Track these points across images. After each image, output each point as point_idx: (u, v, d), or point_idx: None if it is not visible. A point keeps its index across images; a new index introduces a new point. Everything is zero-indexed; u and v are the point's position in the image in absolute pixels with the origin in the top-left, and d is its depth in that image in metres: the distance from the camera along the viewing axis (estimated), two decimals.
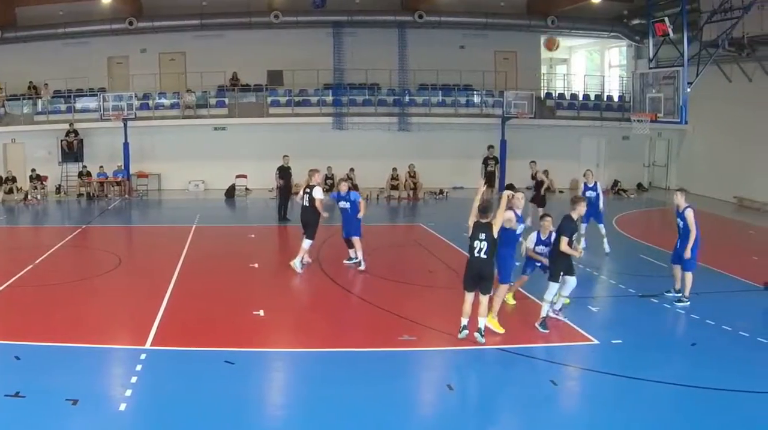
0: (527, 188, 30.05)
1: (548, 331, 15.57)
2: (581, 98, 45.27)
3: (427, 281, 20.14)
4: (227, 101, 41.41)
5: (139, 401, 11.61)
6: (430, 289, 19.33)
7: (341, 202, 21.73)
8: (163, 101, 41.47)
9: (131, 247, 27.62)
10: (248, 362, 13.68)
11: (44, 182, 37.99)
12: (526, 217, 17.92)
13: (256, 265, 21.95)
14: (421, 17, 41.09)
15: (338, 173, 31.90)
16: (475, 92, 43.49)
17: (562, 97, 45.75)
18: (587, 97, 45.48)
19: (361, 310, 17.59)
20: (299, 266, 21.40)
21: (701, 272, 19.51)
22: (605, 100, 45.58)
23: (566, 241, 15.36)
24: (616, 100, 45.87)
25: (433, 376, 13.62)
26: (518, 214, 15.31)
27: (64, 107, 40.34)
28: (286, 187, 31.23)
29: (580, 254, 16.42)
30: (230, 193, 39.09)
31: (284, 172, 31.25)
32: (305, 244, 21.52)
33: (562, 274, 15.69)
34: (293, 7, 40.49)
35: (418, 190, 39.10)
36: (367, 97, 42.41)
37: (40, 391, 11.79)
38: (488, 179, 36.51)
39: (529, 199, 26.41)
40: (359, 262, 21.75)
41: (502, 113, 40.81)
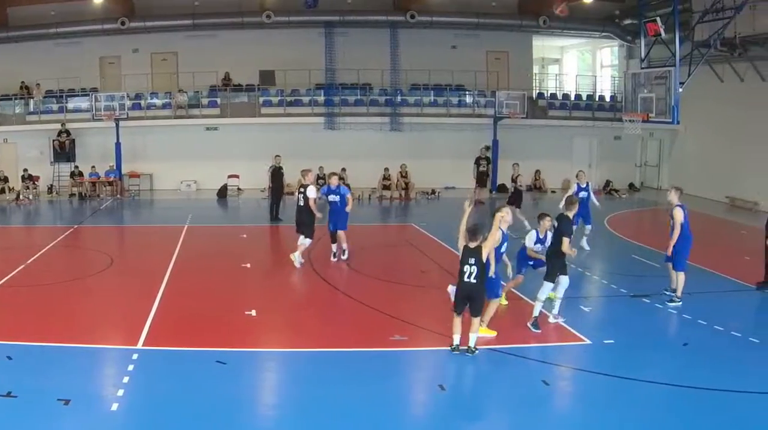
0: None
1: (540, 331, 15.60)
2: (573, 98, 45.43)
3: (418, 281, 20.16)
4: (219, 101, 41.41)
5: (131, 401, 11.59)
6: (421, 289, 19.34)
7: (331, 195, 22.20)
8: (155, 101, 41.48)
9: (123, 247, 27.58)
10: (240, 362, 13.67)
11: (36, 182, 37.92)
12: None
13: (248, 265, 21.93)
14: (412, 17, 41.12)
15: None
16: (467, 92, 43.58)
17: (554, 97, 45.89)
18: (579, 97, 45.62)
19: (352, 310, 17.57)
20: (298, 260, 21.70)
21: (693, 272, 19.60)
22: (597, 100, 45.77)
23: (568, 241, 15.61)
24: (607, 100, 46.03)
25: (424, 376, 13.62)
26: (504, 232, 15.21)
27: (56, 107, 40.31)
28: (277, 187, 31.22)
29: (574, 254, 16.49)
30: (222, 193, 39.08)
31: (276, 172, 31.23)
32: (306, 241, 21.85)
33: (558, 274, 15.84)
34: (285, 7, 40.52)
35: (409, 190, 39.15)
36: (358, 97, 42.48)
37: (32, 391, 11.77)
38: (480, 179, 36.66)
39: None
40: (344, 251, 22.29)
41: (494, 113, 40.91)
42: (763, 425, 11.47)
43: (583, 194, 23.84)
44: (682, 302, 17.90)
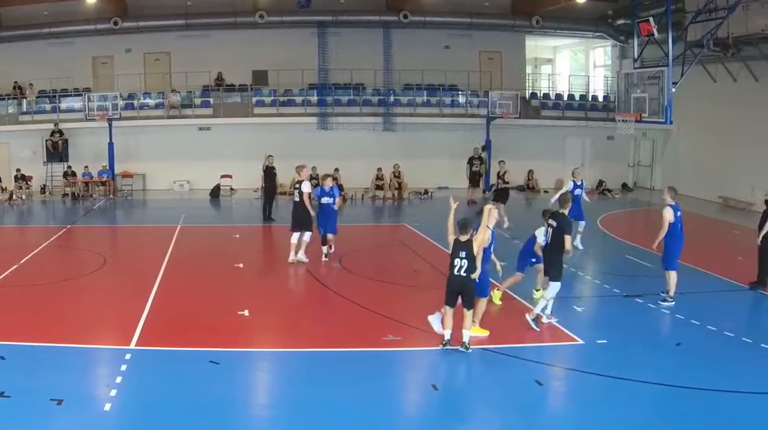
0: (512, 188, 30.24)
1: (540, 329, 15.74)
2: (566, 98, 45.52)
3: (411, 281, 20.17)
4: (212, 101, 41.40)
5: (123, 401, 11.59)
6: (414, 289, 19.35)
7: (324, 197, 22.25)
8: (147, 101, 41.40)
9: (116, 247, 27.57)
10: (233, 362, 13.67)
11: (29, 182, 37.82)
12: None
13: (240, 265, 21.92)
14: (405, 17, 41.14)
15: (323, 174, 31.95)
16: (460, 92, 43.62)
17: (546, 97, 45.89)
18: (572, 97, 45.72)
19: (345, 310, 17.57)
20: (303, 255, 22.02)
21: (687, 272, 19.67)
22: (590, 100, 45.81)
23: (570, 239, 15.88)
24: (600, 100, 46.04)
25: (418, 376, 13.65)
26: (492, 230, 15.13)
27: (49, 107, 40.21)
28: (270, 187, 31.21)
29: (571, 252, 16.66)
30: (215, 193, 39.02)
31: (268, 172, 31.21)
32: (305, 236, 22.04)
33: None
34: (278, 7, 40.51)
35: (402, 190, 39.13)
36: (351, 97, 42.50)
37: (24, 391, 11.76)
38: (473, 179, 36.68)
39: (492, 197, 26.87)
40: (331, 247, 22.65)
41: (487, 113, 40.93)
42: (755, 425, 11.49)
43: (578, 192, 23.95)
44: (674, 302, 17.94)
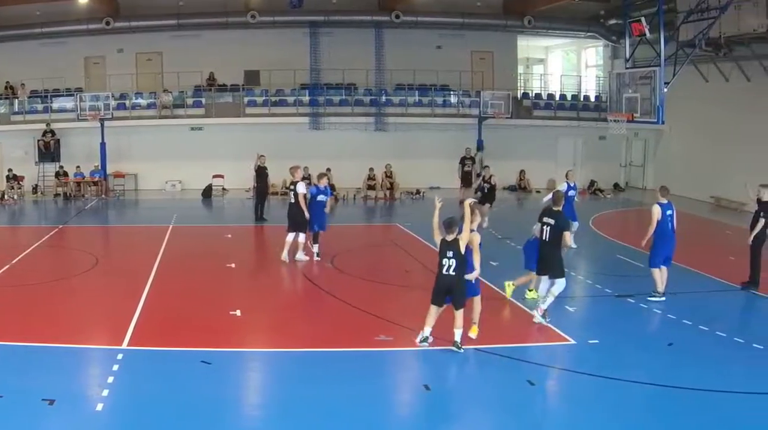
0: (504, 188, 30.25)
1: (548, 321, 16.10)
2: (558, 98, 45.60)
3: (403, 281, 20.19)
4: (204, 101, 41.36)
5: (115, 401, 11.59)
6: (406, 289, 19.37)
7: (320, 195, 22.47)
8: (139, 101, 41.35)
9: (108, 247, 27.55)
10: (225, 362, 13.69)
11: (21, 182, 37.80)
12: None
13: (232, 265, 21.92)
14: (397, 17, 41.16)
15: (315, 174, 31.77)
16: (451, 92, 43.65)
17: (538, 97, 45.95)
18: (564, 97, 45.78)
19: (337, 310, 17.56)
20: (302, 254, 22.26)
21: (679, 272, 19.80)
22: (582, 100, 45.85)
23: (569, 234, 16.38)
24: (592, 100, 46.09)
25: (409, 376, 13.68)
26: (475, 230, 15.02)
27: (40, 107, 40.13)
28: (262, 187, 31.20)
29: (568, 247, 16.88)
30: (207, 193, 39.00)
31: (260, 172, 31.20)
32: (300, 237, 22.18)
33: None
34: (270, 7, 40.48)
35: (394, 190, 39.16)
36: (343, 97, 42.49)
37: (16, 391, 11.76)
38: (465, 179, 36.68)
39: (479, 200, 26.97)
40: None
41: (478, 113, 40.97)
42: (747, 425, 11.53)
43: (571, 193, 24.01)
44: (665, 298, 18.22)
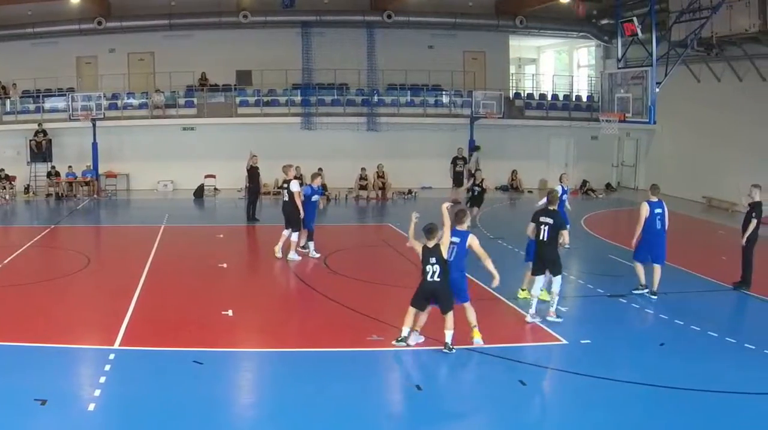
0: (496, 188, 30.24)
1: (562, 319, 16.40)
2: (550, 98, 45.61)
3: (395, 281, 20.18)
4: (196, 101, 41.32)
5: (107, 401, 11.61)
6: (398, 289, 19.26)
7: (315, 195, 22.98)
8: (131, 101, 41.28)
9: (100, 247, 27.54)
10: (217, 362, 13.71)
11: (13, 182, 37.73)
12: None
13: (224, 265, 21.89)
14: (389, 17, 41.19)
15: (306, 173, 31.83)
16: (443, 92, 43.65)
17: (530, 97, 46.02)
18: (556, 97, 45.79)
19: (329, 310, 17.56)
20: (294, 254, 22.40)
21: (671, 272, 19.85)
22: (574, 100, 45.95)
23: (567, 233, 16.49)
24: (584, 100, 46.21)
25: (401, 376, 13.74)
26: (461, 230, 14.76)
27: (32, 107, 40.04)
28: (254, 187, 31.20)
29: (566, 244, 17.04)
30: (199, 193, 38.98)
31: (253, 172, 31.20)
32: (293, 236, 22.40)
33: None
34: (262, 7, 40.50)
35: (386, 190, 39.14)
36: (335, 97, 42.43)
37: (8, 391, 11.79)
38: (457, 179, 36.72)
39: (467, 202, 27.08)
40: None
41: (470, 113, 40.99)
42: (739, 425, 11.59)
43: (564, 197, 24.11)
44: (647, 290, 18.69)
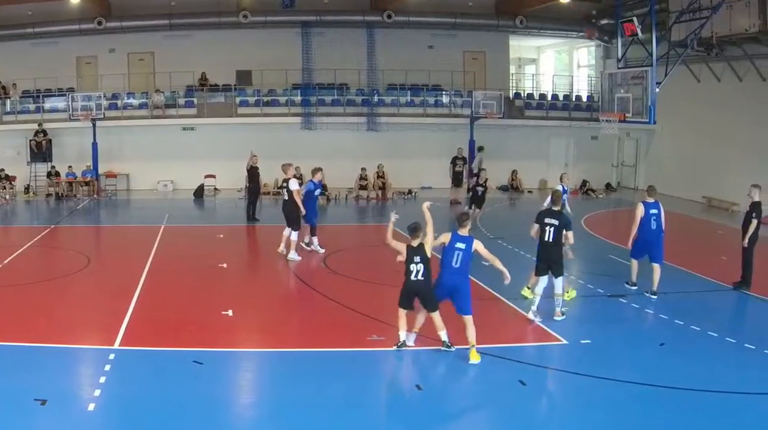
0: (496, 188, 30.22)
1: (564, 317, 16.50)
2: (550, 98, 45.55)
3: (395, 281, 19.94)
4: (196, 101, 41.28)
5: (107, 401, 11.62)
6: (398, 289, 19.26)
7: (317, 190, 23.33)
8: (131, 101, 41.23)
9: (100, 247, 27.52)
10: (217, 362, 13.72)
11: (13, 182, 37.71)
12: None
13: (224, 265, 21.88)
14: (389, 17, 41.15)
15: (306, 173, 31.80)
16: (443, 92, 43.58)
17: (530, 97, 45.97)
18: (556, 97, 45.74)
19: (329, 310, 17.57)
20: (295, 254, 22.44)
21: (671, 272, 19.88)
22: (574, 100, 45.89)
23: (572, 233, 16.47)
24: (584, 100, 46.13)
25: (401, 376, 13.76)
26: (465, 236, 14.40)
27: (32, 107, 40.00)
28: (254, 187, 31.21)
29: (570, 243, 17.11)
30: (199, 193, 38.97)
31: (253, 172, 31.20)
32: (293, 235, 22.45)
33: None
34: (262, 7, 40.46)
35: (386, 190, 39.10)
36: (335, 97, 42.38)
37: (8, 391, 11.80)
38: (456, 179, 36.73)
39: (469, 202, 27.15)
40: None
41: (470, 113, 40.96)
42: (739, 425, 11.60)
43: (565, 197, 24.16)
44: (636, 288, 19.14)
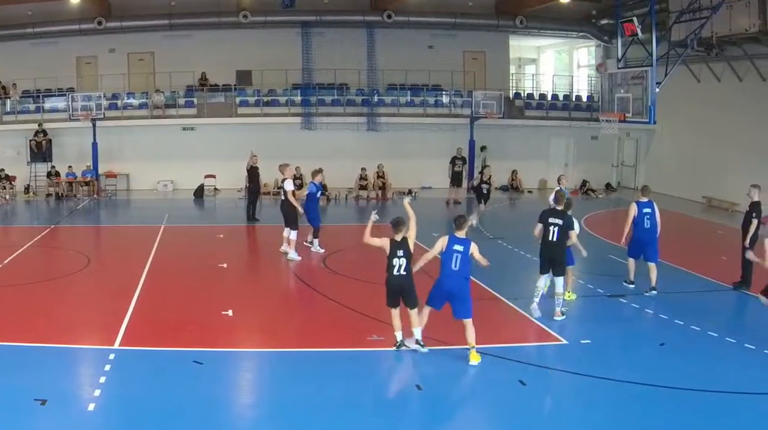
0: (496, 188, 30.21)
1: (565, 316, 16.52)
2: (550, 98, 45.52)
3: None
4: (196, 101, 41.27)
5: (107, 401, 11.63)
6: None
7: (319, 191, 23.49)
8: (131, 101, 41.21)
9: (100, 247, 27.53)
10: (217, 362, 13.74)
11: (13, 182, 37.71)
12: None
13: (224, 265, 21.90)
14: (389, 17, 41.12)
15: (306, 173, 31.76)
16: (443, 92, 43.55)
17: (530, 97, 45.93)
18: (556, 97, 45.72)
19: (329, 310, 17.60)
20: (295, 254, 22.50)
21: (671, 272, 19.93)
22: (574, 100, 45.85)
23: (575, 233, 16.66)
24: (584, 100, 46.11)
25: (401, 376, 13.76)
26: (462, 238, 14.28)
27: (32, 107, 39.98)
28: (254, 187, 31.22)
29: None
30: (199, 193, 38.96)
31: (253, 172, 31.21)
32: (291, 235, 22.51)
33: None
34: (262, 7, 40.43)
35: (386, 190, 39.11)
36: (335, 97, 42.35)
37: (8, 391, 11.81)
38: (455, 179, 36.74)
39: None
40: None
41: (470, 113, 40.97)
42: (739, 425, 11.60)
43: None
44: (633, 286, 19.29)
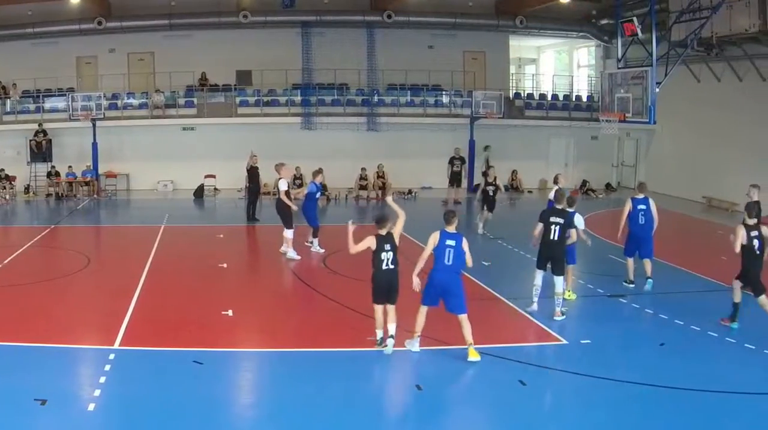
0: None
1: (564, 316, 16.52)
2: (550, 98, 45.55)
3: None
4: (196, 101, 41.29)
5: (107, 401, 11.63)
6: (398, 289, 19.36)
7: (318, 192, 23.43)
8: (131, 101, 41.23)
9: (100, 247, 27.53)
10: (217, 362, 13.73)
11: (13, 182, 37.72)
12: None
13: (224, 265, 21.89)
14: (389, 17, 41.14)
15: (306, 173, 31.74)
16: (443, 92, 43.58)
17: (530, 97, 45.97)
18: (556, 97, 45.75)
19: (329, 310, 17.59)
20: (294, 253, 22.56)
21: (671, 272, 19.91)
22: (574, 100, 45.89)
23: (575, 232, 16.80)
24: (584, 100, 46.14)
25: (401, 376, 13.74)
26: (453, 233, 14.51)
27: (32, 107, 40.01)
28: (254, 187, 31.21)
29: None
30: (199, 193, 38.97)
31: (253, 172, 31.21)
32: (288, 233, 22.58)
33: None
34: (262, 7, 40.46)
35: (386, 190, 39.05)
36: (335, 97, 42.37)
37: (8, 391, 11.81)
38: (453, 179, 36.75)
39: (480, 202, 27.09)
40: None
41: (470, 113, 40.98)
42: (739, 425, 11.60)
43: None
44: (633, 286, 19.44)
